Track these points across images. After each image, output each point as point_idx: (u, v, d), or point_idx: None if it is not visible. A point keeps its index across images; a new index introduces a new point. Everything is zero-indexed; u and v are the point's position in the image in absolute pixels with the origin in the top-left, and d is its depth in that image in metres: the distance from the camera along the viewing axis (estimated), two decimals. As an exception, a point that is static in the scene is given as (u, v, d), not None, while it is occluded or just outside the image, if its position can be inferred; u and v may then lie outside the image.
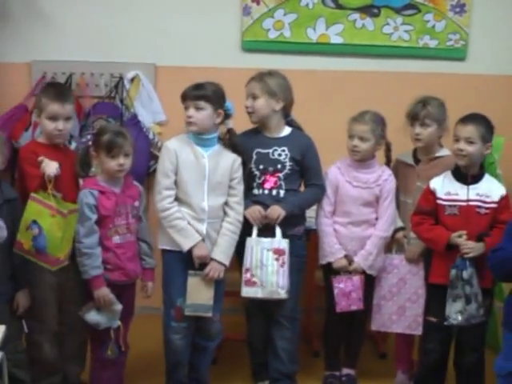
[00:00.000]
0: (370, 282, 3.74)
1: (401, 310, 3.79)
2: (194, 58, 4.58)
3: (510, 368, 2.95)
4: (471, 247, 3.40)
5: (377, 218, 3.73)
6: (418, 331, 3.75)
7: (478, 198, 3.48)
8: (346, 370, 3.90)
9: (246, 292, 3.55)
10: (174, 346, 3.55)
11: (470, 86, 4.69)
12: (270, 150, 3.61)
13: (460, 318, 3.41)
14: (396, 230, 3.77)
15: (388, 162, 3.83)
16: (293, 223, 3.62)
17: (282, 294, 3.54)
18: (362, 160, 3.70)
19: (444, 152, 3.75)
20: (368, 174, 3.72)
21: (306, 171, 3.67)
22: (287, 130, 3.68)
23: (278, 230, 3.56)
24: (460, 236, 3.44)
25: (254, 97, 3.59)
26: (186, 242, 3.44)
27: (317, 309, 4.19)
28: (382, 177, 3.72)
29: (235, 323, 4.01)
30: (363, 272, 3.70)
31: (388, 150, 3.82)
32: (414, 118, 3.73)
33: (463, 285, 3.38)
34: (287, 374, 3.72)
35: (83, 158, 3.44)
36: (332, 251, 3.71)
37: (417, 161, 3.80)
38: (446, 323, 3.45)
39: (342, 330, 3.86)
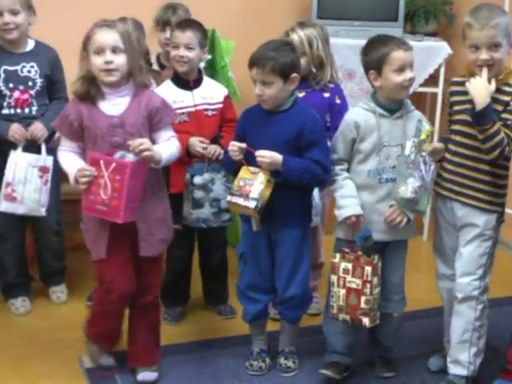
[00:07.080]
0: None
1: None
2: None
3: None
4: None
5: None
6: None
7: (203, 101, 3.55)
8: None
9: (6, 207, 3.46)
10: None
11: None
12: (19, 67, 3.50)
13: (194, 219, 3.48)
14: None
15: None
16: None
17: (42, 211, 3.52)
18: None
19: None
20: None
21: (53, 85, 3.60)
22: (31, 44, 3.57)
23: (44, 147, 3.48)
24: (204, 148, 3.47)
25: (15, 13, 3.45)
26: None
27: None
28: None
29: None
30: None
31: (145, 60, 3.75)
32: (165, 23, 3.73)
33: (193, 190, 3.44)
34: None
35: None
36: None
37: (162, 66, 3.82)
38: (183, 223, 3.50)
39: None
